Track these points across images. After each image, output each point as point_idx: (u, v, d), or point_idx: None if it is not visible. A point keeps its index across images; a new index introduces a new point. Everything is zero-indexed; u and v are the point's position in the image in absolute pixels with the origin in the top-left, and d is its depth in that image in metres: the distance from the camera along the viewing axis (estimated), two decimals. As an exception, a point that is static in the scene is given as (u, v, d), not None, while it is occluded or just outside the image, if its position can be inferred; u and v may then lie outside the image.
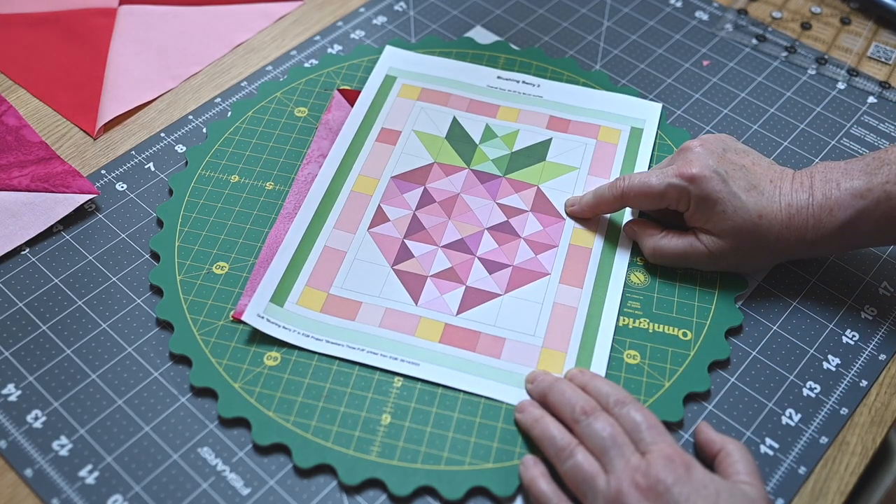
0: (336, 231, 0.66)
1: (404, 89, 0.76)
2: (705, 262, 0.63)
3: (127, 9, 0.84)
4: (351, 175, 0.70)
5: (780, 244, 0.61)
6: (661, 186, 0.62)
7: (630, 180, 0.64)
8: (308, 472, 0.56)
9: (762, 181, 0.61)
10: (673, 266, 0.65)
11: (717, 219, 0.61)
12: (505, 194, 0.70)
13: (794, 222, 0.60)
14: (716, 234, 0.62)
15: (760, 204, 0.60)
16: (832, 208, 0.59)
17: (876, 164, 0.59)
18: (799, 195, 0.60)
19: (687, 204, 0.62)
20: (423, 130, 0.73)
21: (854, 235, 0.60)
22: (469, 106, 0.75)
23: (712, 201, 0.60)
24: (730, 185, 0.60)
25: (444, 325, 0.62)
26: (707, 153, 0.62)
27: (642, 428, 0.53)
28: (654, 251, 0.64)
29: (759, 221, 0.60)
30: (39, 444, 0.57)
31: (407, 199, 0.69)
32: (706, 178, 0.60)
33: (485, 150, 0.72)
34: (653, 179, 0.62)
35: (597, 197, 0.66)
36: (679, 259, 0.64)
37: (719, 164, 0.61)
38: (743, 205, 0.60)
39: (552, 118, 0.75)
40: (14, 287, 0.64)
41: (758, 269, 0.65)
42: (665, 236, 0.64)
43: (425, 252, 0.66)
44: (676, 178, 0.61)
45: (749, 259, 0.62)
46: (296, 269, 0.64)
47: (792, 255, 0.63)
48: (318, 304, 0.62)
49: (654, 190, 0.62)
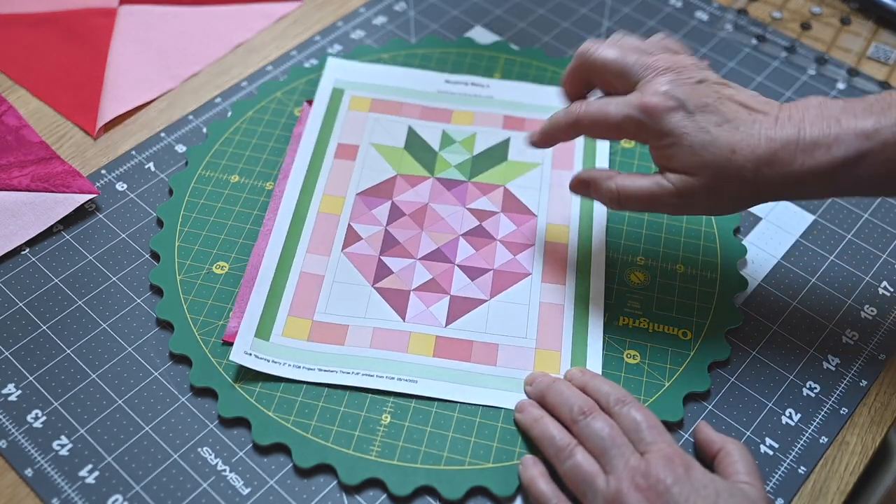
0: (310, 255, 0.65)
1: (354, 101, 0.75)
2: (674, 205, 0.56)
3: (127, 9, 0.84)
4: (315, 196, 0.69)
5: (760, 182, 0.53)
6: (619, 117, 0.55)
7: (588, 107, 0.57)
8: (308, 471, 0.56)
9: (739, 113, 0.54)
10: (639, 210, 0.58)
11: (683, 155, 0.54)
12: (473, 198, 0.69)
13: (779, 157, 0.53)
14: (683, 172, 0.54)
15: (734, 138, 0.53)
16: (830, 145, 0.52)
17: (882, 104, 0.53)
18: (785, 129, 0.53)
19: (646, 137, 0.55)
20: (380, 143, 0.73)
21: (851, 178, 0.53)
22: (422, 113, 0.75)
23: (675, 135, 0.54)
24: (696, 117, 0.54)
25: (435, 339, 0.61)
26: (675, 81, 0.55)
27: (642, 427, 0.53)
28: (617, 194, 0.57)
29: (732, 156, 0.53)
30: (39, 443, 0.57)
31: (376, 215, 0.68)
32: (667, 109, 0.54)
33: (446, 157, 0.72)
34: (611, 108, 0.56)
35: (552, 124, 0.59)
36: (645, 201, 0.56)
37: (689, 95, 0.54)
38: (713, 139, 0.53)
39: (507, 118, 0.75)
40: (14, 287, 0.64)
41: (734, 211, 0.56)
42: (626, 176, 0.57)
43: (404, 266, 0.65)
44: (636, 108, 0.55)
45: (723, 200, 0.55)
46: (275, 299, 0.62)
47: (773, 196, 0.55)
48: (304, 332, 0.61)
49: (610, 120, 0.56)
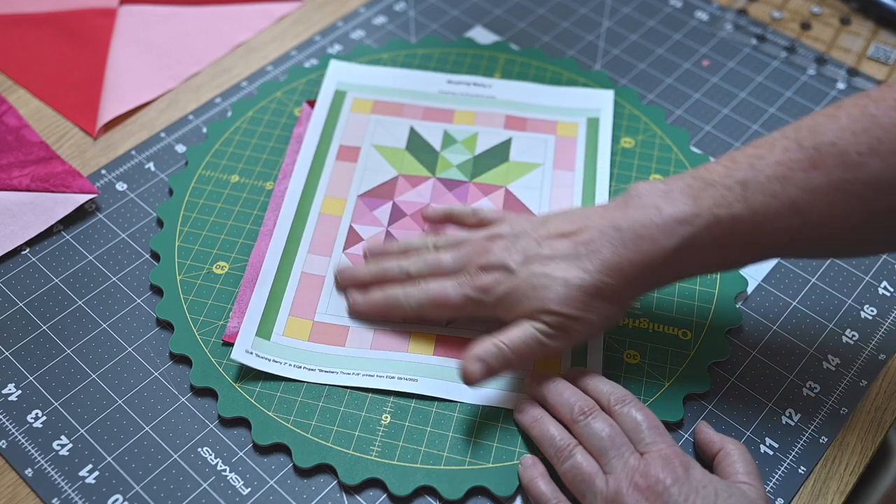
0: (311, 256, 0.65)
1: (356, 103, 0.75)
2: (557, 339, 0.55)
3: (127, 9, 0.84)
4: (317, 198, 0.69)
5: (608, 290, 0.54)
6: (459, 299, 0.58)
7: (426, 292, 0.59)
8: (308, 471, 0.56)
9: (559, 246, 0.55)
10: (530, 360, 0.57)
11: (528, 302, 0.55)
12: (475, 198, 0.69)
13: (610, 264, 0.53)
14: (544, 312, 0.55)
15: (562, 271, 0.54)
16: (654, 237, 0.53)
17: (699, 184, 0.53)
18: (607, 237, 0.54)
19: (490, 311, 0.57)
20: (382, 144, 0.73)
21: (686, 265, 0.54)
22: (424, 114, 0.75)
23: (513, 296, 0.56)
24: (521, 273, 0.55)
25: (435, 337, 0.61)
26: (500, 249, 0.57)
27: (643, 427, 0.53)
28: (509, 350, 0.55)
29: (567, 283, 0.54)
30: (39, 443, 0.57)
31: (377, 216, 0.68)
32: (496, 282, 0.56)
33: (447, 157, 0.72)
34: (450, 290, 0.58)
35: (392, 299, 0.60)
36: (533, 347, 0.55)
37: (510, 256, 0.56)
38: (547, 280, 0.54)
39: (509, 117, 0.75)
40: (14, 287, 0.64)
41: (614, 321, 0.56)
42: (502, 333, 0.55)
43: None
44: (472, 290, 0.57)
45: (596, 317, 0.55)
46: (276, 299, 0.62)
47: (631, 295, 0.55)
48: (305, 332, 0.61)
49: (451, 302, 0.58)
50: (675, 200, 0.53)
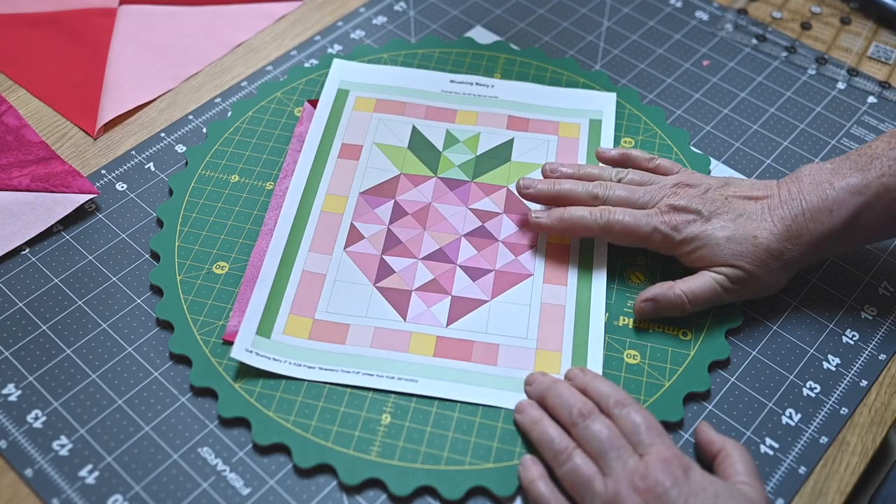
0: (312, 254, 0.65)
1: (359, 102, 0.76)
2: (734, 293, 0.61)
3: (127, 9, 0.84)
4: (318, 195, 0.69)
5: (788, 255, 0.60)
6: (648, 230, 0.61)
7: (615, 214, 0.62)
8: (308, 471, 0.56)
9: (747, 206, 0.61)
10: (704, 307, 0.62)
11: (710, 254, 0.60)
12: (476, 199, 0.69)
13: (792, 231, 0.60)
14: (726, 265, 0.60)
15: (751, 227, 0.60)
16: (831, 209, 0.59)
17: (865, 159, 0.60)
18: (789, 206, 0.60)
19: (673, 247, 0.62)
20: (384, 142, 0.73)
21: (858, 232, 0.60)
22: (426, 113, 0.75)
23: (700, 241, 0.60)
24: (713, 221, 0.61)
25: (436, 338, 0.61)
26: (689, 196, 0.62)
27: (641, 430, 0.53)
28: (686, 301, 0.61)
29: (756, 241, 0.60)
30: (39, 444, 0.57)
31: (379, 214, 0.68)
32: (688, 221, 0.61)
33: (449, 157, 0.72)
34: (640, 221, 0.61)
35: (574, 217, 0.63)
36: (712, 298, 0.61)
37: (702, 204, 0.61)
38: (732, 233, 0.60)
39: (511, 118, 0.75)
40: (14, 287, 0.64)
41: (779, 286, 0.62)
42: (683, 282, 0.61)
43: (405, 266, 0.65)
44: (662, 224, 0.61)
45: (767, 278, 0.61)
46: (277, 297, 0.63)
47: (806, 261, 0.61)
48: (305, 331, 0.61)
49: (640, 231, 0.61)
50: (845, 174, 0.60)
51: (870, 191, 0.59)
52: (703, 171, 0.71)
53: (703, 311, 0.63)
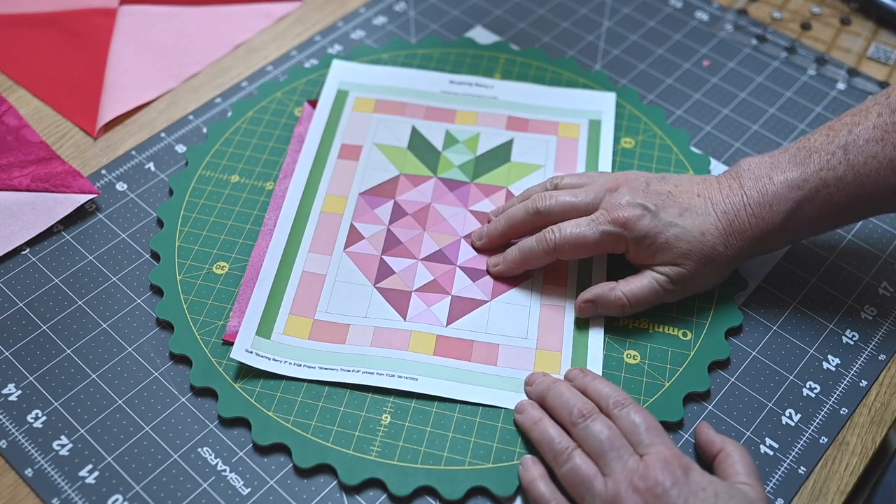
0: (312, 255, 0.65)
1: (358, 103, 0.75)
2: (673, 292, 0.61)
3: (127, 9, 0.84)
4: (318, 196, 0.69)
5: (731, 251, 0.60)
6: (596, 236, 0.60)
7: (561, 232, 0.61)
8: (308, 471, 0.56)
9: (691, 200, 0.61)
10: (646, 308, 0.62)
11: (663, 251, 0.60)
12: (476, 200, 0.69)
13: (735, 226, 0.59)
14: (669, 264, 0.60)
15: (698, 222, 0.59)
16: (770, 203, 0.59)
17: (803, 153, 0.59)
18: (732, 200, 0.60)
19: (625, 246, 0.61)
20: (384, 143, 0.73)
21: (798, 226, 0.60)
22: (426, 113, 0.75)
23: (651, 237, 0.59)
24: (661, 216, 0.60)
25: (436, 337, 0.61)
26: (632, 191, 0.61)
27: (641, 430, 0.53)
28: (626, 302, 0.61)
29: (704, 238, 0.59)
30: (39, 443, 0.57)
31: (378, 215, 0.68)
32: (637, 217, 0.59)
33: (449, 157, 0.72)
34: (585, 230, 0.60)
35: (523, 252, 0.62)
36: (651, 299, 0.61)
37: (646, 199, 0.60)
38: (682, 230, 0.59)
39: (511, 118, 0.75)
40: (14, 287, 0.64)
41: (719, 282, 0.63)
42: (625, 282, 0.61)
43: (405, 266, 0.65)
44: (609, 224, 0.60)
45: (709, 275, 0.61)
46: (277, 298, 0.63)
47: (746, 257, 0.61)
48: (305, 331, 0.61)
49: (588, 240, 0.60)
50: (784, 168, 0.59)
51: (808, 185, 0.58)
52: (703, 172, 0.71)
53: (704, 311, 0.63)
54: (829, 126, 0.60)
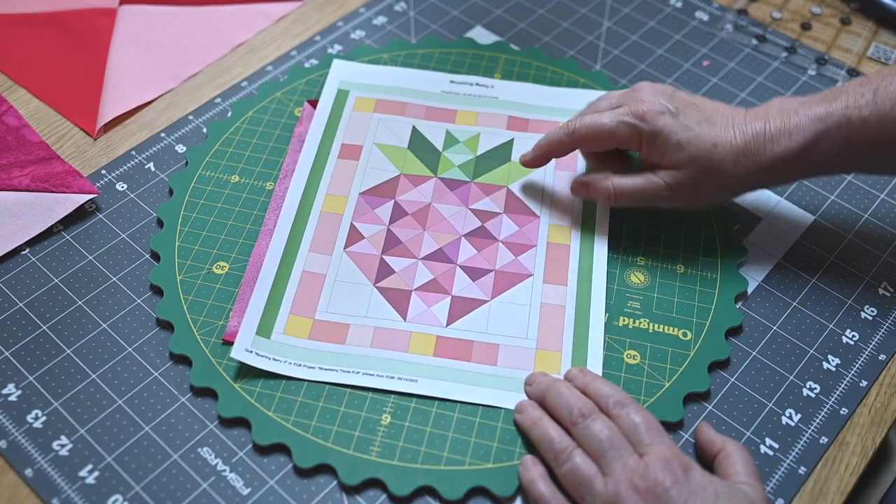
0: (312, 255, 0.65)
1: (359, 102, 0.75)
2: (665, 198, 0.63)
3: (127, 9, 0.84)
4: (318, 195, 0.69)
5: (739, 171, 0.60)
6: (613, 124, 0.62)
7: (581, 120, 0.64)
8: (308, 472, 0.56)
9: (714, 115, 0.62)
10: (632, 206, 0.64)
11: (673, 151, 0.61)
12: (476, 199, 0.69)
13: (751, 147, 0.60)
14: (673, 167, 0.61)
15: (714, 133, 0.60)
16: (791, 132, 0.59)
17: (834, 93, 0.60)
18: (753, 124, 0.60)
19: (639, 142, 0.62)
20: (384, 143, 0.73)
21: (814, 159, 0.60)
22: (426, 113, 0.75)
23: (665, 134, 0.61)
24: (680, 118, 0.61)
25: (436, 338, 0.61)
26: (656, 92, 0.63)
27: (641, 430, 0.53)
28: (613, 191, 0.64)
29: (715, 150, 0.60)
30: (39, 444, 0.57)
31: (378, 215, 0.68)
32: (656, 112, 0.61)
33: (449, 157, 0.72)
34: (605, 119, 0.63)
35: (549, 139, 0.66)
36: (639, 196, 0.63)
37: (669, 101, 0.62)
38: (696, 135, 0.60)
39: (511, 118, 0.75)
40: (14, 287, 0.64)
41: (717, 202, 0.65)
42: (620, 176, 0.64)
43: (406, 266, 0.65)
44: (628, 115, 0.62)
45: (708, 190, 0.62)
46: (277, 298, 0.63)
47: (751, 184, 0.62)
48: (305, 331, 0.61)
49: (605, 128, 0.62)
50: (811, 103, 0.60)
51: (831, 119, 0.59)
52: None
53: (704, 311, 0.63)
54: (867, 76, 0.61)
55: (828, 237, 0.68)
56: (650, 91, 0.63)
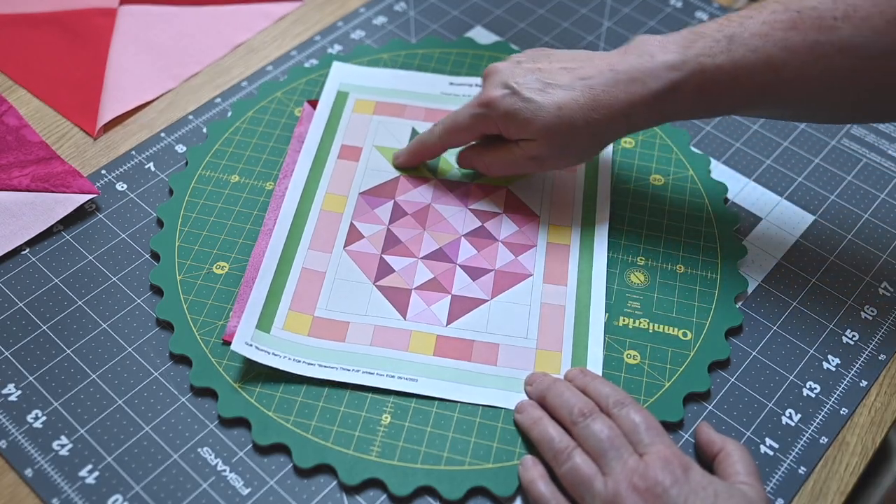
0: (311, 252, 0.65)
1: (358, 104, 0.75)
2: (534, 166, 0.65)
3: (127, 9, 0.84)
4: (318, 194, 0.69)
5: (593, 126, 0.60)
6: (467, 119, 0.64)
7: (442, 122, 0.66)
8: (308, 472, 0.56)
9: (556, 76, 0.61)
10: (512, 176, 0.68)
11: (523, 127, 0.62)
12: (475, 199, 0.69)
13: (600, 101, 0.60)
14: (529, 140, 0.63)
15: (556, 97, 0.60)
16: (643, 80, 0.59)
17: (692, 37, 0.59)
18: (603, 76, 0.60)
19: (496, 126, 0.63)
20: (384, 145, 0.73)
21: (670, 106, 0.60)
22: (426, 115, 0.75)
23: (512, 115, 0.62)
24: (523, 92, 0.61)
25: (436, 337, 0.61)
26: (506, 70, 0.63)
27: (640, 429, 0.53)
28: (487, 169, 0.67)
29: (560, 113, 0.60)
30: (39, 444, 0.57)
31: (378, 214, 0.68)
32: (499, 97, 0.62)
33: (449, 159, 0.72)
34: (459, 115, 0.65)
35: (417, 141, 0.69)
36: (510, 168, 0.66)
37: (513, 77, 0.62)
38: (539, 105, 0.61)
39: None
40: (14, 287, 0.64)
41: (586, 158, 0.65)
42: (489, 151, 0.66)
43: (405, 265, 0.65)
44: (476, 107, 0.64)
45: (570, 150, 0.63)
46: (277, 294, 0.63)
47: (613, 133, 0.62)
48: (305, 327, 0.61)
49: (460, 124, 0.65)
50: (668, 49, 0.59)
51: (686, 67, 0.58)
52: (703, 172, 0.71)
53: (704, 311, 0.63)
54: (728, 16, 0.59)
55: (828, 237, 0.68)
56: (501, 70, 0.63)
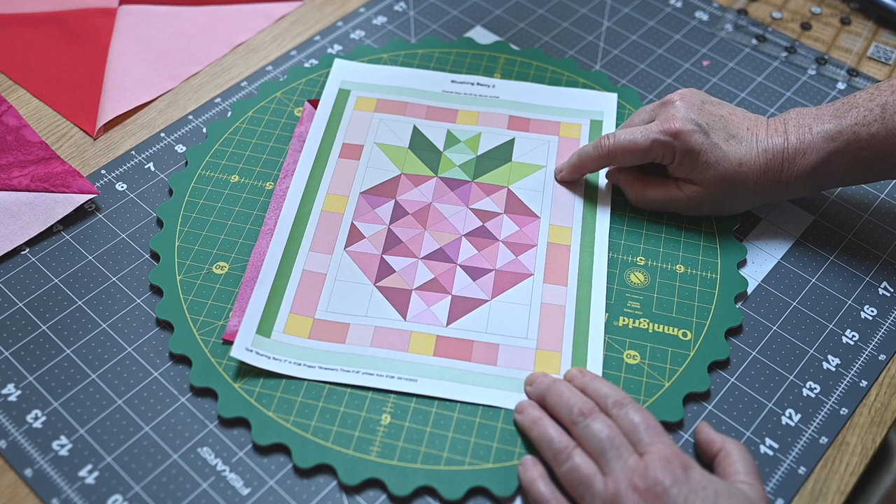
0: (312, 254, 0.65)
1: (360, 102, 0.76)
2: (685, 208, 0.67)
3: (127, 9, 0.84)
4: (319, 195, 0.69)
5: (758, 188, 0.64)
6: (647, 143, 0.64)
7: (616, 138, 0.65)
8: (308, 472, 0.56)
9: (740, 129, 0.64)
10: (655, 210, 0.68)
11: (701, 169, 0.63)
12: (476, 199, 0.69)
13: (771, 167, 0.63)
14: (698, 184, 0.64)
15: (740, 153, 0.63)
16: (805, 151, 0.62)
17: (845, 107, 0.63)
18: (774, 140, 0.63)
19: (672, 157, 0.64)
20: (385, 142, 0.73)
21: (826, 175, 0.63)
22: (427, 113, 0.75)
23: (696, 153, 0.63)
24: (711, 136, 0.63)
25: (436, 338, 0.61)
26: (687, 106, 0.64)
27: (640, 429, 0.53)
28: (637, 198, 0.68)
29: (740, 169, 0.63)
30: (39, 444, 0.57)
31: (379, 214, 0.68)
32: (689, 132, 0.63)
33: (450, 157, 0.72)
34: (638, 136, 0.64)
35: (581, 157, 0.68)
36: (660, 205, 0.67)
37: (700, 117, 0.64)
38: (724, 155, 0.63)
39: (512, 118, 0.75)
40: (14, 287, 0.64)
41: (734, 212, 0.67)
42: (647, 185, 0.67)
43: (406, 265, 0.65)
44: (661, 133, 0.63)
45: (727, 203, 0.66)
46: (277, 297, 0.63)
47: (768, 198, 0.65)
48: (306, 330, 0.61)
49: (639, 146, 0.64)
50: (824, 121, 0.63)
51: (842, 138, 0.61)
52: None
53: (704, 311, 0.63)
54: (877, 85, 0.63)
55: (828, 237, 0.68)
56: (682, 105, 0.64)
